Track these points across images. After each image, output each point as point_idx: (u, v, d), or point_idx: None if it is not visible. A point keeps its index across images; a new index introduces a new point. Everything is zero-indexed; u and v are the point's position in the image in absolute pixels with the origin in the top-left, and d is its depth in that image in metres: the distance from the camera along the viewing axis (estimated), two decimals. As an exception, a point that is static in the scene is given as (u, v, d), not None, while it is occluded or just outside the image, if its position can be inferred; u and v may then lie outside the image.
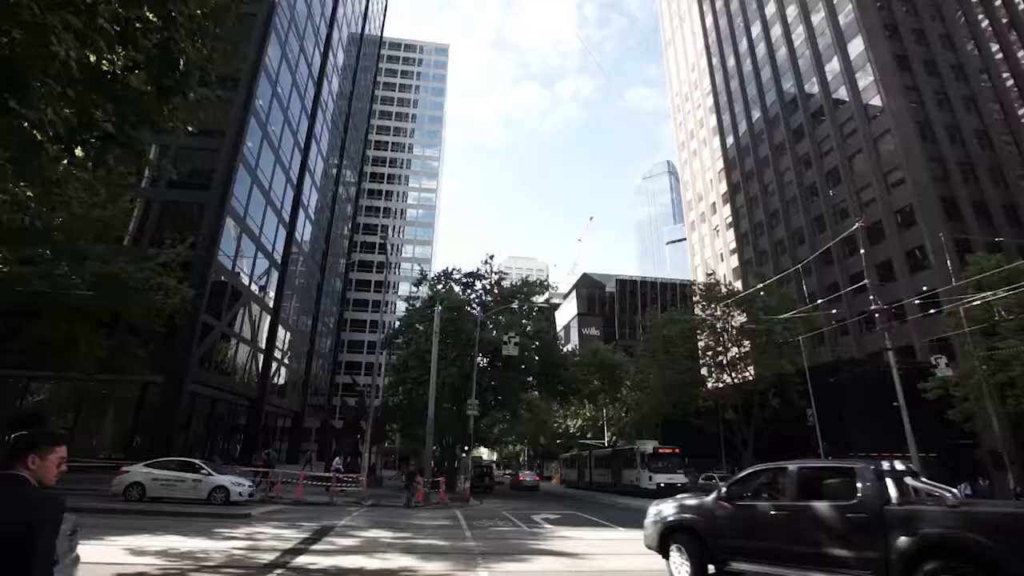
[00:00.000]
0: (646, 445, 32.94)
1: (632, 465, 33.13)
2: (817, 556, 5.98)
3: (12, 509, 1.84)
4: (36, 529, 1.83)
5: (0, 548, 1.73)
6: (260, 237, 32.88)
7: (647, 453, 31.77)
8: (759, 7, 62.37)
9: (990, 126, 43.70)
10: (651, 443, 33.84)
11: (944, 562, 5.06)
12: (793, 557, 6.21)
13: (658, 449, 32.31)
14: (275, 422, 40.80)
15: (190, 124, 6.58)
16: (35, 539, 1.80)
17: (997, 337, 25.94)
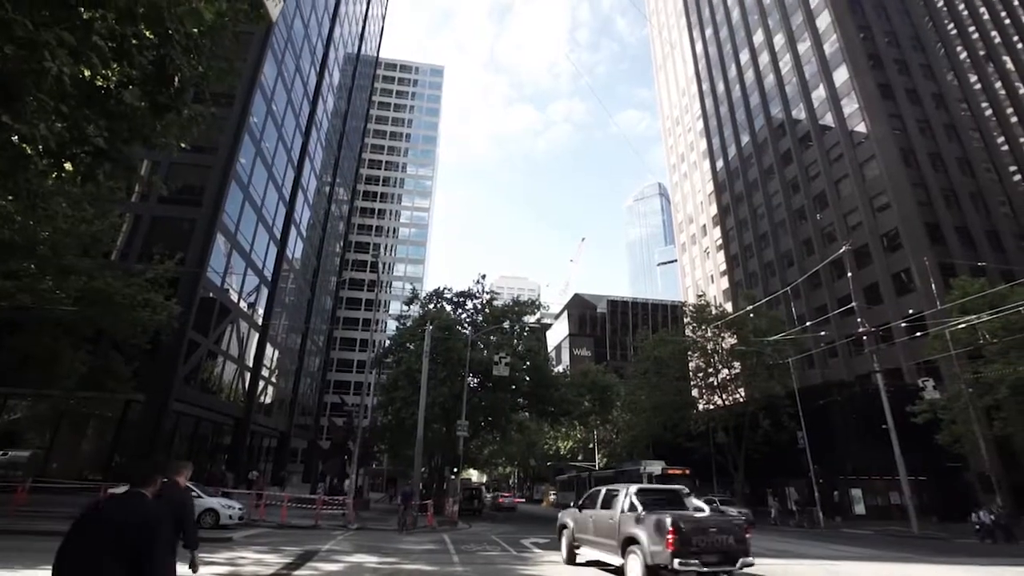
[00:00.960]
0: (653, 465, 30.73)
1: None
2: (599, 539, 10.88)
3: (144, 511, 2.95)
4: (160, 523, 2.92)
5: (140, 535, 2.78)
6: (251, 254, 32.68)
7: (655, 474, 29.33)
8: (747, 35, 64.13)
9: (971, 153, 44.88)
10: (658, 463, 31.69)
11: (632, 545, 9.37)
12: (591, 539, 11.30)
13: (667, 470, 30.04)
14: (260, 442, 40.00)
15: (183, 141, 6.56)
16: (159, 529, 2.88)
17: (982, 360, 26.21)
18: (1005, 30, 54.86)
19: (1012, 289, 25.01)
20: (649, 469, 29.92)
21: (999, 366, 24.45)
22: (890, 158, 42.57)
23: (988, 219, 42.14)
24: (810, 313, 45.99)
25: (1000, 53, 52.85)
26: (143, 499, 3.09)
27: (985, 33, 53.68)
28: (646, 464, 30.99)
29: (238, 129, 29.17)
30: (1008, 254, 40.28)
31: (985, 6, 55.82)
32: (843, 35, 48.48)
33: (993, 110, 48.62)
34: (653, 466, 30.39)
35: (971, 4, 55.39)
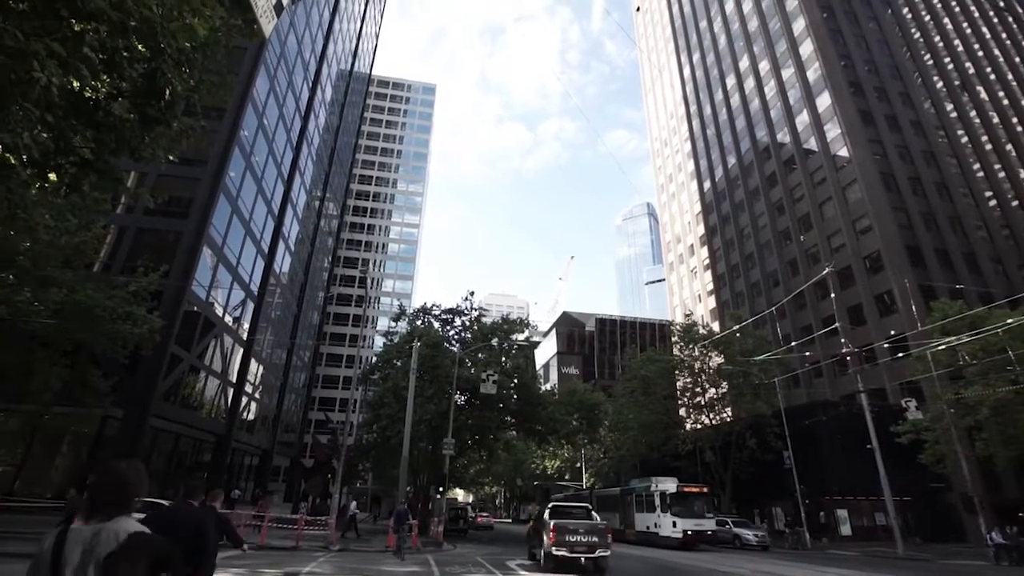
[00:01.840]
0: (666, 483, 27.35)
1: (648, 508, 27.50)
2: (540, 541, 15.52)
3: (198, 516, 4.05)
4: (208, 525, 4.01)
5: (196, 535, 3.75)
6: (237, 267, 32.36)
7: (669, 493, 25.99)
8: (733, 61, 65.81)
9: (948, 179, 46.16)
10: (670, 480, 28.51)
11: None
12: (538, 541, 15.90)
13: (683, 488, 26.53)
14: (242, 460, 39.12)
15: (172, 153, 6.52)
16: (209, 529, 3.97)
17: (963, 381, 26.61)
18: (978, 62, 56.99)
19: (990, 311, 25.55)
20: (662, 487, 26.81)
21: (979, 387, 24.84)
22: (871, 182, 43.62)
23: (966, 242, 43.19)
24: (795, 333, 46.50)
25: (974, 83, 54.81)
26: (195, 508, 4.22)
27: (960, 64, 55.71)
28: (658, 482, 27.75)
29: (228, 142, 29.11)
30: (985, 276, 41.22)
31: (959, 39, 58.03)
32: (825, 63, 49.97)
33: (968, 137, 50.21)
34: (666, 483, 27.24)
35: (946, 36, 57.54)
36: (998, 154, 50.28)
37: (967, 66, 55.95)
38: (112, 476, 2.36)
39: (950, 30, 58.28)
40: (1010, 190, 48.33)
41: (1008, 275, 42.20)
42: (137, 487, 2.41)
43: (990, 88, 55.19)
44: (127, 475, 2.38)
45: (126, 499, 2.35)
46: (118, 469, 2.39)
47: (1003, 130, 52.39)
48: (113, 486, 2.35)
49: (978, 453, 26.70)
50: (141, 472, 2.45)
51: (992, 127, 52.06)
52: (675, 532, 24.84)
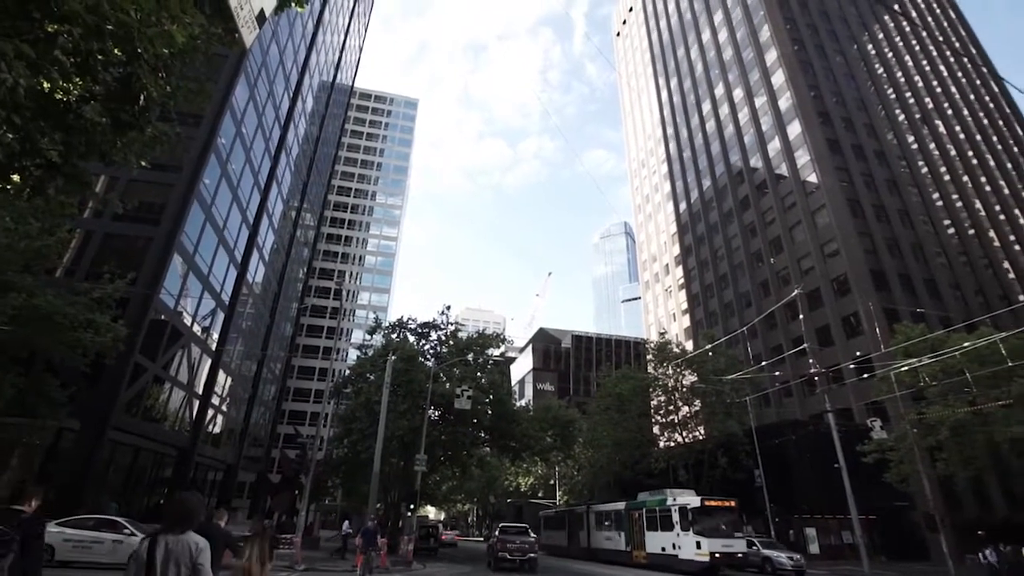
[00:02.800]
0: (685, 496, 24.24)
1: (663, 525, 23.93)
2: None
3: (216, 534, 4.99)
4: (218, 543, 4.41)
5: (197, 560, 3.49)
6: (209, 276, 31.61)
7: (692, 508, 22.51)
8: (709, 87, 67.91)
9: (910, 207, 48.17)
10: (687, 493, 25.36)
11: None
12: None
13: (707, 502, 23.05)
14: (205, 475, 37.77)
15: (144, 159, 6.39)
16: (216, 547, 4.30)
17: (925, 402, 27.48)
18: (936, 98, 60.03)
19: (949, 335, 26.54)
20: (682, 501, 23.45)
21: (939, 408, 25.69)
22: (839, 208, 45.22)
23: (926, 268, 44.97)
24: (766, 353, 47.47)
25: (933, 117, 57.64)
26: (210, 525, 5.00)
27: (920, 99, 58.57)
28: (675, 495, 24.64)
29: (204, 149, 28.64)
30: (944, 301, 42.90)
31: (919, 75, 61.10)
32: (796, 92, 51.97)
33: (928, 168, 52.62)
34: (686, 496, 24.13)
35: (907, 72, 60.53)
36: (955, 185, 52.75)
37: (926, 101, 58.86)
38: (184, 504, 3.60)
39: (911, 67, 61.35)
40: (967, 219, 50.66)
41: (966, 300, 43.99)
42: (199, 512, 3.74)
43: (947, 122, 58.10)
44: (193, 504, 3.64)
45: (192, 520, 3.61)
46: (188, 500, 3.63)
47: (959, 162, 55.07)
48: (185, 511, 3.58)
49: (939, 472, 27.49)
50: (200, 501, 3.77)
51: (949, 159, 54.69)
52: (700, 555, 21.10)
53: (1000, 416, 24.45)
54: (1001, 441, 24.49)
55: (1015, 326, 30.03)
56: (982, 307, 42.30)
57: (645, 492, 28.13)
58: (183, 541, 3.44)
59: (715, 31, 68.39)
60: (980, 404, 24.87)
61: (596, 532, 31.50)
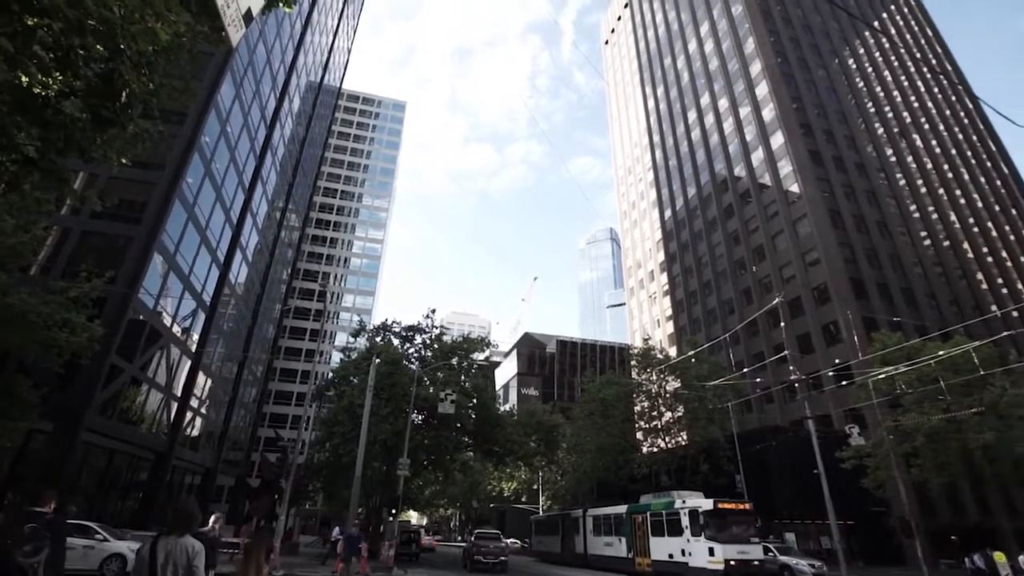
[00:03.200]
0: (695, 498, 22.71)
1: (671, 531, 22.42)
2: None
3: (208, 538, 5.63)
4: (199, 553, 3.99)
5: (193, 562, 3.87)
6: (190, 276, 31.10)
7: (704, 511, 20.94)
8: (695, 97, 68.84)
9: (888, 218, 49.26)
10: (696, 495, 23.63)
11: None
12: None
13: (722, 504, 21.38)
14: (182, 479, 37.03)
15: (125, 156, 6.29)
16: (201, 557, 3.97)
17: (901, 409, 28.04)
18: (914, 112, 61.61)
19: (924, 343, 27.15)
20: (693, 504, 21.87)
21: (915, 415, 26.24)
22: (820, 218, 46.07)
23: (904, 278, 45.98)
24: (748, 359, 48.05)
25: (910, 131, 59.12)
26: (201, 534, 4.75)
27: (898, 113, 60.05)
28: (683, 497, 23.16)
29: (188, 148, 28.24)
30: (921, 310, 43.88)
31: (898, 90, 62.66)
32: (779, 104, 52.93)
33: (906, 180, 53.91)
34: (696, 499, 22.49)
35: (886, 87, 62.04)
36: (931, 197, 54.11)
37: (904, 115, 60.37)
38: (184, 510, 4.10)
39: (889, 82, 62.90)
40: (942, 231, 51.96)
41: (941, 310, 45.05)
42: (197, 517, 4.30)
43: (924, 136, 59.63)
44: (192, 510, 4.17)
45: (190, 524, 4.07)
46: (187, 506, 4.14)
47: (935, 175, 56.52)
48: (185, 516, 4.07)
49: (914, 478, 28.03)
50: (197, 507, 4.31)
51: (926, 171, 56.10)
52: (713, 562, 19.47)
53: (973, 423, 25.06)
54: (974, 448, 25.08)
55: (987, 335, 30.83)
56: (956, 316, 43.34)
57: (649, 495, 26.70)
58: (181, 544, 3.86)
59: (701, 42, 69.43)
60: (954, 412, 25.47)
61: (594, 537, 30.22)
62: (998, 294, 50.31)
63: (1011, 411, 25.11)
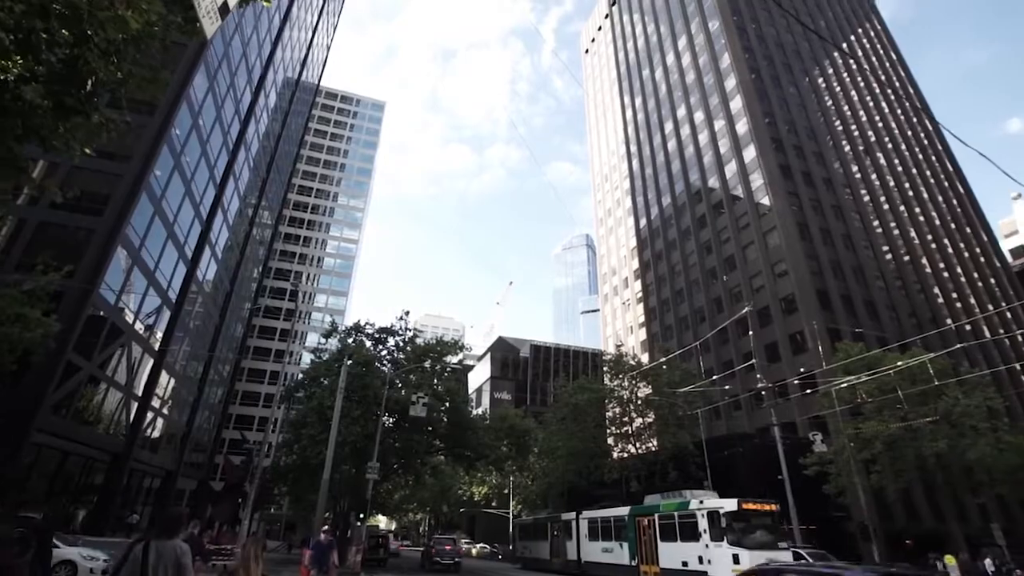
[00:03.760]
0: (713, 498, 20.67)
1: (685, 535, 20.27)
2: None
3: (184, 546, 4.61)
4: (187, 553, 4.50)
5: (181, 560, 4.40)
6: (155, 272, 30.13)
7: (726, 512, 18.80)
8: (672, 108, 70.17)
9: (852, 232, 51.00)
10: (709, 495, 21.74)
11: None
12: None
13: (745, 505, 19.15)
14: (140, 482, 35.73)
15: (89, 146, 6.07)
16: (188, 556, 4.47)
17: (862, 417, 28.99)
18: (879, 132, 64.07)
19: (884, 354, 28.16)
20: (712, 504, 19.66)
21: (874, 423, 27.16)
22: (788, 230, 47.41)
23: (866, 290, 47.63)
24: (718, 367, 48.98)
25: (875, 150, 61.43)
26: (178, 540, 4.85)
27: (863, 132, 62.35)
28: (699, 496, 21.16)
29: (157, 140, 27.42)
30: (882, 322, 45.51)
31: (863, 110, 65.08)
32: (752, 119, 54.36)
33: (869, 196, 55.94)
34: (716, 500, 20.27)
35: (853, 107, 64.37)
36: (893, 213, 56.27)
37: (869, 134, 62.71)
38: (171, 516, 4.74)
39: (856, 102, 65.28)
40: (903, 246, 54.06)
41: (900, 322, 46.79)
42: (183, 522, 5.01)
43: (887, 155, 62.04)
44: (179, 516, 4.84)
45: (177, 529, 4.70)
46: (174, 512, 4.82)
47: (897, 192, 58.82)
48: (172, 522, 4.66)
49: (873, 484, 28.97)
50: (184, 513, 5.13)
51: (888, 189, 58.34)
52: (739, 571, 16.18)
53: (927, 432, 26.07)
54: (928, 455, 26.08)
55: (942, 347, 32.16)
56: (915, 328, 45.06)
57: (655, 495, 24.75)
58: (169, 546, 4.39)
59: (679, 55, 70.88)
60: (911, 420, 26.46)
61: (589, 543, 27.60)
62: (953, 308, 52.56)
63: (963, 420, 26.22)
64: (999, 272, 60.40)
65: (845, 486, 28.87)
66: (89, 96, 5.54)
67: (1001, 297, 57.23)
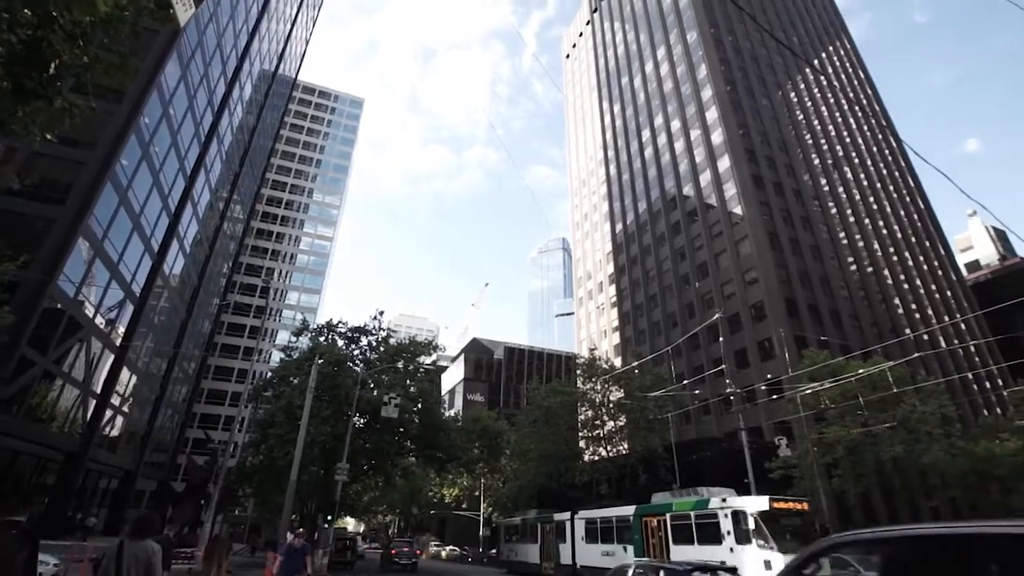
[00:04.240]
0: (735, 497, 18.94)
1: (704, 538, 18.59)
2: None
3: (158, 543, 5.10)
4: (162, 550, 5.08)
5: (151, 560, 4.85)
6: (119, 264, 29.07)
7: (756, 513, 16.92)
8: (649, 116, 71.26)
9: (820, 243, 52.59)
10: (727, 492, 19.73)
11: None
12: None
13: (777, 503, 17.46)
14: (97, 483, 34.39)
15: (50, 132, 5.83)
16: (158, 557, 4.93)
17: (825, 423, 29.88)
18: (846, 147, 66.28)
19: (847, 362, 29.10)
20: (738, 504, 17.83)
21: (837, 428, 28.03)
22: (760, 239, 48.61)
23: (832, 300, 49.16)
24: (689, 372, 49.85)
25: (842, 164, 63.52)
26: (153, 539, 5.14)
27: (832, 146, 64.42)
28: (720, 495, 19.21)
29: (125, 128, 26.49)
30: (845, 330, 47.02)
31: (832, 126, 67.25)
32: (727, 129, 55.60)
33: (836, 209, 57.80)
34: (740, 499, 18.53)
35: (823, 122, 66.46)
36: (858, 226, 58.27)
37: (837, 148, 64.83)
38: (145, 518, 5.07)
39: (826, 117, 67.44)
40: (866, 257, 56.01)
41: (863, 331, 48.43)
42: (156, 524, 5.34)
43: (854, 169, 64.23)
44: (152, 518, 5.19)
45: (149, 530, 5.02)
46: (147, 515, 5.17)
47: (862, 205, 60.93)
48: (144, 524, 4.97)
49: (835, 488, 29.86)
50: (156, 516, 5.51)
51: (855, 202, 60.40)
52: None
53: (886, 437, 27.04)
54: (886, 460, 27.04)
55: (902, 355, 33.40)
56: (876, 337, 46.70)
57: (663, 493, 23.18)
58: (142, 546, 4.78)
59: (658, 64, 72.05)
60: (871, 426, 27.40)
61: (586, 545, 25.66)
62: (911, 318, 54.67)
63: (919, 426, 27.29)
64: (955, 285, 63.15)
65: (809, 489, 29.67)
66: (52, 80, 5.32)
67: (956, 309, 59.82)
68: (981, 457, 28.70)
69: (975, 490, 30.47)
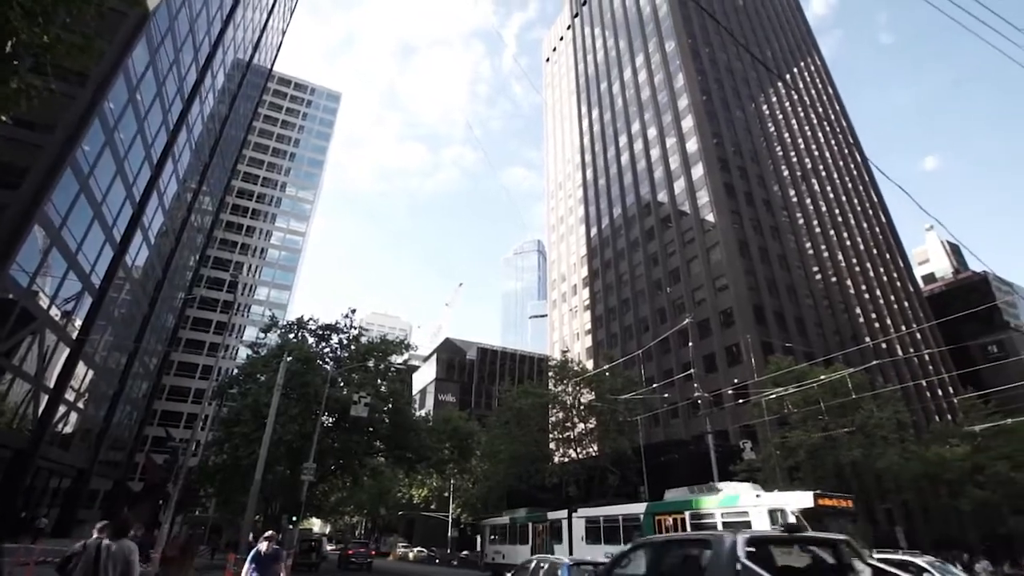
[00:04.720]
0: (768, 494, 17.58)
1: None
2: None
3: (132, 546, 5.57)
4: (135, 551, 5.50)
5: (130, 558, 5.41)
6: (77, 254, 27.90)
7: (799, 510, 15.02)
8: (627, 122, 72.19)
9: (787, 253, 54.13)
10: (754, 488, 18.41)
11: None
12: None
13: (822, 500, 15.42)
14: (47, 482, 32.92)
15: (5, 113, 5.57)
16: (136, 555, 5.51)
17: (788, 427, 30.75)
18: (814, 160, 68.43)
19: (810, 368, 30.02)
20: (773, 501, 16.26)
21: (799, 432, 28.88)
22: (730, 247, 49.76)
23: (797, 308, 50.65)
24: (659, 375, 50.65)
25: (810, 176, 65.56)
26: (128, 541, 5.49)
27: (801, 159, 66.44)
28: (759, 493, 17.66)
29: (88, 112, 25.44)
30: (809, 337, 48.49)
31: (802, 139, 69.37)
32: (701, 138, 56.76)
33: (803, 219, 59.61)
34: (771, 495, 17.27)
35: (793, 135, 68.48)
36: (823, 236, 60.21)
37: (806, 161, 66.91)
38: (123, 520, 5.55)
39: (796, 130, 69.52)
40: (831, 267, 57.92)
41: (826, 338, 50.05)
42: (132, 525, 5.89)
43: (821, 182, 66.38)
44: (129, 520, 5.66)
45: (127, 530, 5.49)
46: (124, 517, 5.73)
47: (828, 217, 63.00)
48: (122, 525, 5.40)
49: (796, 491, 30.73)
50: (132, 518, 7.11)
51: (821, 213, 62.40)
52: None
53: (845, 442, 27.98)
54: (845, 463, 27.99)
55: (862, 363, 34.64)
56: (838, 344, 48.30)
57: (681, 489, 21.36)
58: (120, 545, 5.08)
59: (636, 71, 73.08)
60: (831, 430, 28.32)
61: (587, 547, 24.20)
62: (871, 327, 56.74)
63: (875, 431, 28.34)
64: (912, 296, 65.83)
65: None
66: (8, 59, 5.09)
67: (912, 319, 62.35)
68: (932, 461, 30.01)
69: (926, 493, 31.82)
